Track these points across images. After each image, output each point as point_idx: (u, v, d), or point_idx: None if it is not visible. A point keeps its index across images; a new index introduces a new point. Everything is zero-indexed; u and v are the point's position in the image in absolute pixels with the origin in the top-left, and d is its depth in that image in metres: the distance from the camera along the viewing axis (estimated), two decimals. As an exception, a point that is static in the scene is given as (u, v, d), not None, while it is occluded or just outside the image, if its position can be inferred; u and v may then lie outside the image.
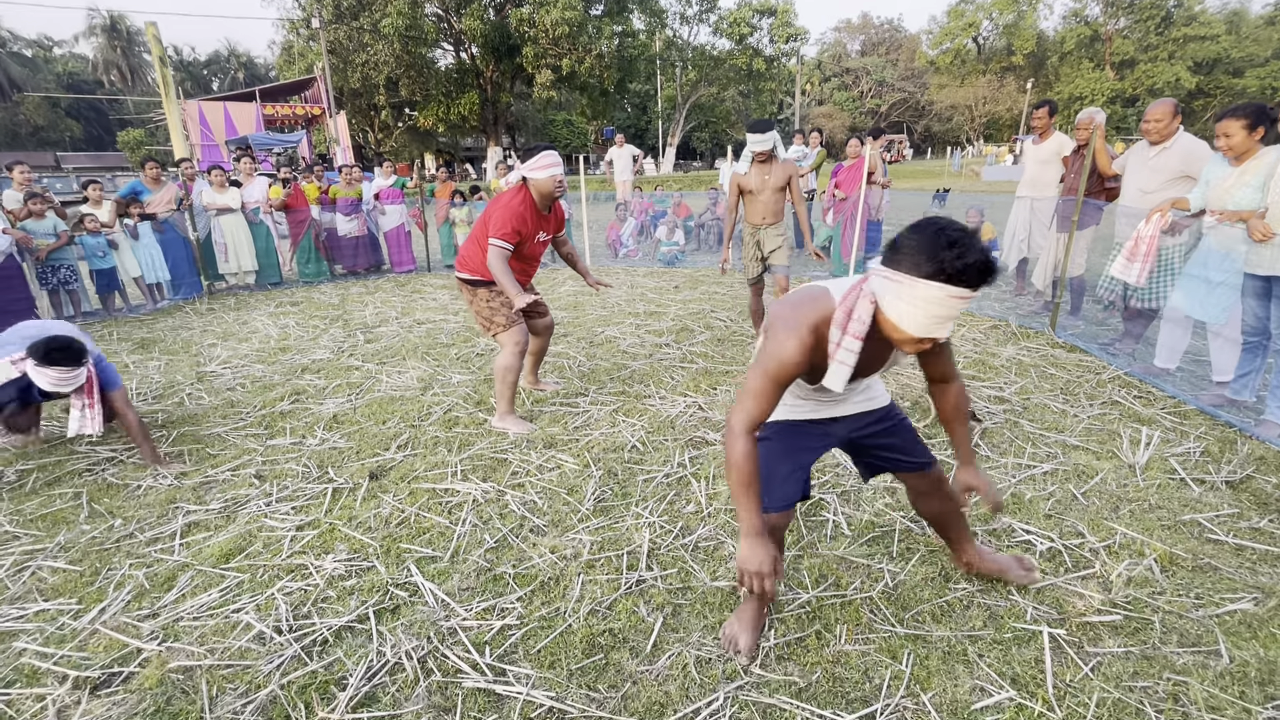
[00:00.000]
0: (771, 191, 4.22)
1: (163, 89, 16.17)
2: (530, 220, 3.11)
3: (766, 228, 4.30)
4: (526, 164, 3.09)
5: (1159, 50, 40.94)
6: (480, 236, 3.15)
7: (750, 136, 4.08)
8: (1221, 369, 3.48)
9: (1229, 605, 1.89)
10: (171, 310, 6.54)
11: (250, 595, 2.10)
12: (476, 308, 3.30)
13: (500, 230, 3.01)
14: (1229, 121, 3.17)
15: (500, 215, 3.04)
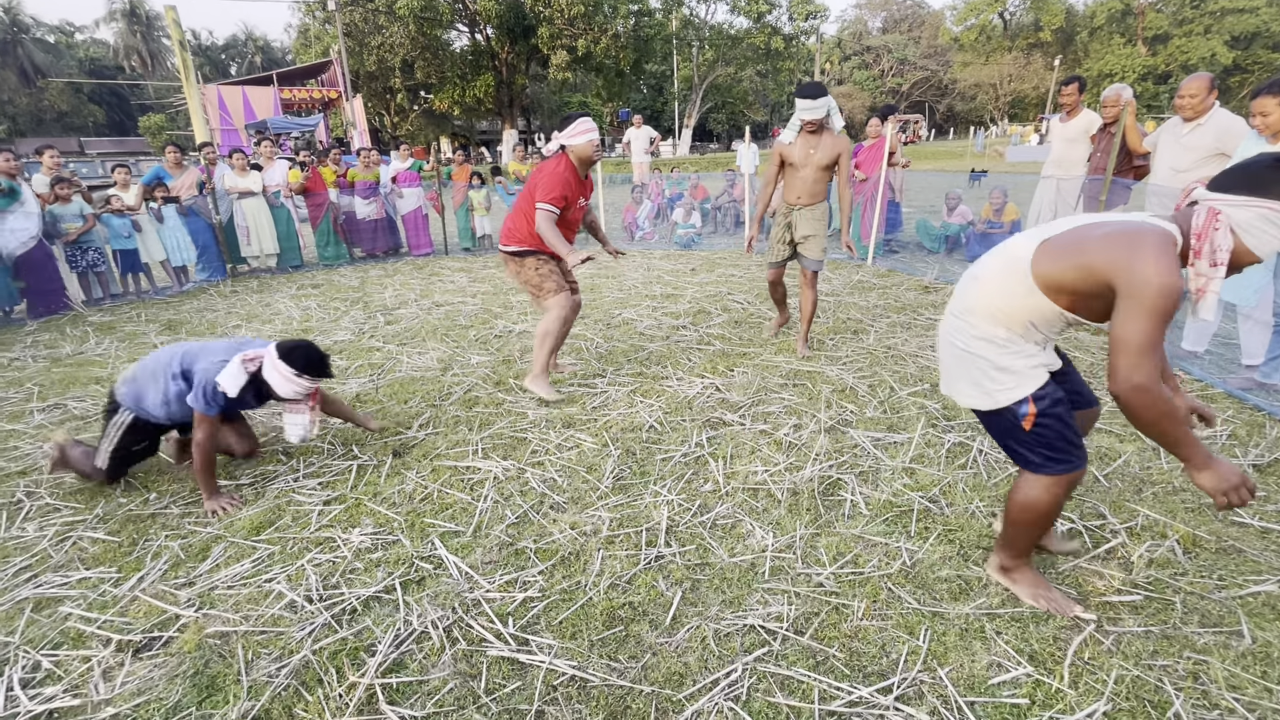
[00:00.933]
0: (815, 169, 3.69)
1: (183, 73, 16.30)
2: (574, 185, 3.26)
3: (802, 209, 3.79)
4: (565, 132, 3.21)
5: (1194, 24, 39.45)
6: (525, 208, 3.28)
7: (800, 103, 3.54)
8: (1251, 352, 3.41)
9: (1253, 587, 1.88)
10: (196, 292, 6.66)
11: (281, 566, 2.16)
12: (525, 276, 3.41)
13: (548, 195, 3.15)
14: (1265, 98, 3.07)
15: (547, 181, 3.18)
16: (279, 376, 2.49)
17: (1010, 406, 1.64)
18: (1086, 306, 1.52)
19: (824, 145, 3.65)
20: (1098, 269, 1.43)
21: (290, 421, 2.61)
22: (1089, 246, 1.47)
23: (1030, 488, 1.70)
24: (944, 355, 1.81)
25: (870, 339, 4.28)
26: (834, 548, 2.15)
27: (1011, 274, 1.59)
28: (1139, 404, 1.40)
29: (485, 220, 8.79)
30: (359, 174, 8.00)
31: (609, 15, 27.66)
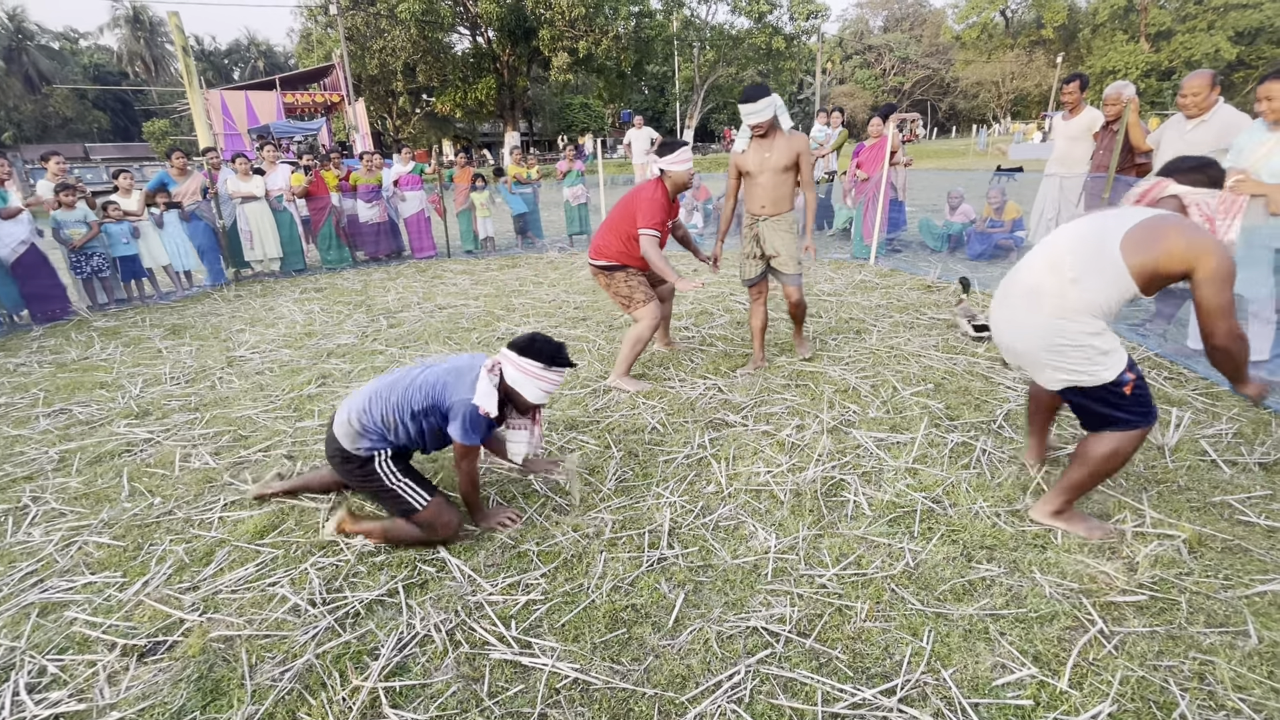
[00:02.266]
0: (773, 173, 3.42)
1: (186, 79, 16.39)
2: (668, 209, 3.49)
3: (768, 219, 3.51)
4: (666, 159, 3.40)
5: (1198, 20, 39.26)
6: (619, 227, 3.50)
7: (742, 108, 3.33)
8: (1256, 350, 3.39)
9: (1259, 586, 1.87)
10: (200, 297, 6.69)
11: (285, 570, 2.17)
12: (615, 289, 3.59)
13: (651, 221, 3.37)
14: (1272, 83, 3.06)
15: (648, 208, 3.38)
16: (526, 376, 2.14)
17: (1116, 379, 1.91)
18: (1154, 287, 1.84)
19: (778, 147, 3.39)
20: (1182, 255, 1.74)
21: (513, 439, 2.29)
22: (1169, 236, 1.76)
23: (1122, 442, 1.97)
24: (1040, 353, 1.98)
25: (873, 339, 4.27)
26: (837, 549, 2.14)
27: (1107, 270, 1.83)
28: (1238, 350, 1.82)
29: (488, 222, 8.81)
30: (361, 177, 8.03)
31: (610, 17, 27.68)
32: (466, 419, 2.10)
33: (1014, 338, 2.05)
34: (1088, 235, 1.89)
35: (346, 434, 2.19)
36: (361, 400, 2.22)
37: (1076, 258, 1.88)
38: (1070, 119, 5.02)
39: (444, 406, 2.14)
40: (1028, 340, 1.99)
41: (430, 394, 2.15)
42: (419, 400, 2.16)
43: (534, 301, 5.76)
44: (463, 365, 2.21)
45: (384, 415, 2.17)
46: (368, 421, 2.17)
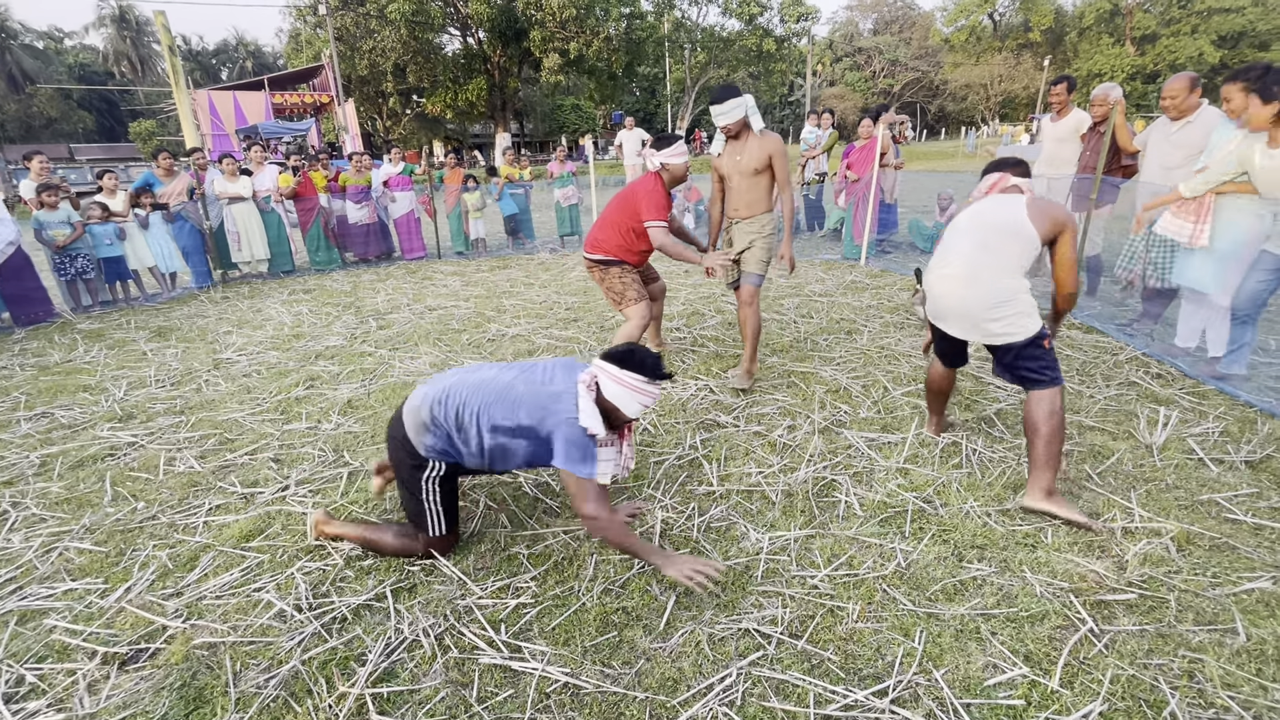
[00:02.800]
0: (744, 176, 3.35)
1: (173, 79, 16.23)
2: (669, 201, 3.51)
3: (740, 221, 3.46)
4: (665, 152, 3.41)
5: (1182, 24, 39.80)
6: (617, 223, 3.49)
7: (712, 110, 3.28)
8: (1218, 341, 3.44)
9: (1246, 584, 1.88)
10: (187, 299, 6.61)
11: (270, 575, 2.14)
12: (609, 284, 3.58)
13: (657, 214, 3.38)
14: (1228, 86, 3.16)
15: (650, 201, 3.38)
16: (628, 390, 1.94)
17: (1038, 332, 2.25)
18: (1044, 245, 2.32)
19: (749, 149, 3.31)
20: (1059, 222, 2.29)
21: (603, 457, 2.00)
22: (1052, 210, 2.31)
23: (1054, 399, 2.24)
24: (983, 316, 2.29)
25: (864, 339, 4.27)
26: (828, 549, 2.14)
27: (1020, 237, 2.28)
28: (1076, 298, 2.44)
29: (479, 223, 8.77)
30: (350, 178, 7.97)
31: (600, 18, 27.67)
32: (574, 444, 1.89)
33: (963, 310, 2.35)
34: (999, 218, 2.35)
35: (415, 423, 2.02)
36: (438, 391, 2.03)
37: (1001, 235, 2.31)
38: (1058, 121, 5.05)
39: (543, 431, 1.93)
40: (975, 306, 2.30)
41: (527, 413, 1.95)
42: (510, 416, 1.96)
43: (525, 303, 5.74)
44: (557, 386, 1.98)
45: (460, 415, 1.99)
46: (439, 415, 2.00)
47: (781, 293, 5.66)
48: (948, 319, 2.42)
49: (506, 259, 8.28)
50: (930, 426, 2.90)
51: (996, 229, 2.32)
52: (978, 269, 2.29)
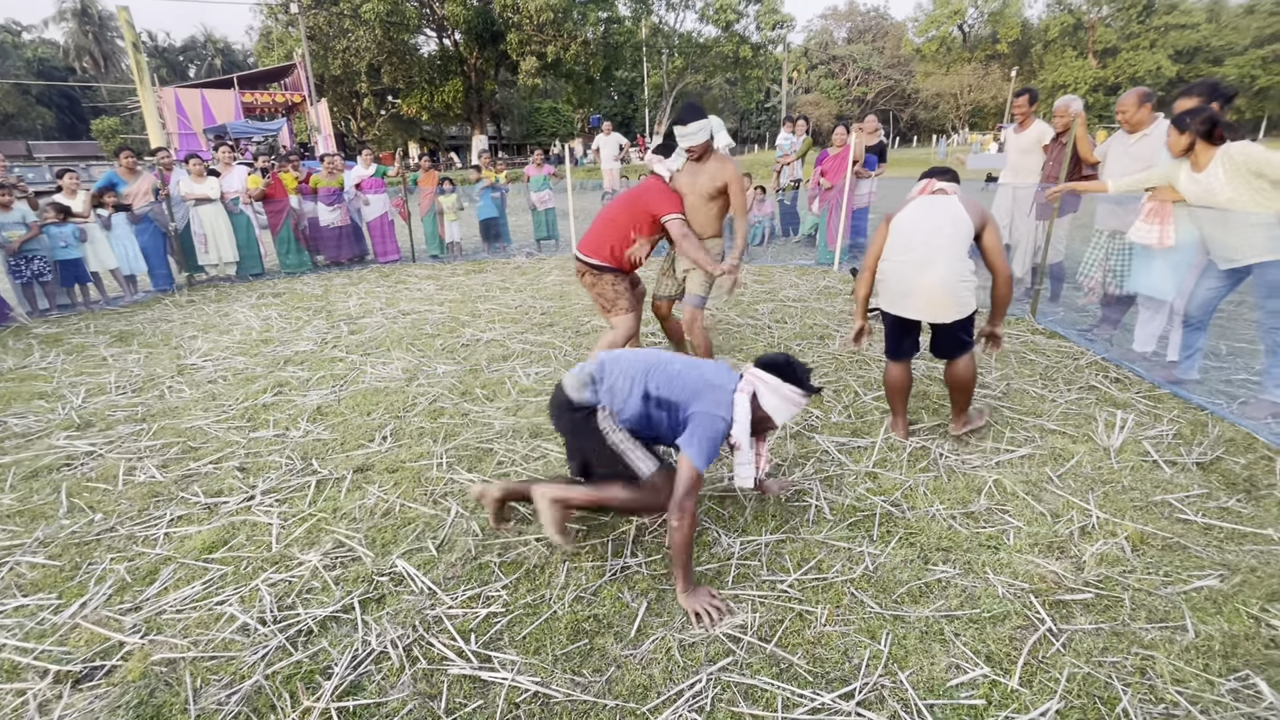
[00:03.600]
0: (698, 198, 3.34)
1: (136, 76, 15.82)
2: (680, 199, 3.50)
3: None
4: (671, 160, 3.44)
5: (1141, 39, 41.25)
6: (622, 226, 3.40)
7: (676, 131, 3.28)
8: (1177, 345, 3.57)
9: (1196, 582, 1.95)
10: (150, 302, 6.43)
11: (234, 587, 2.09)
12: (601, 290, 3.52)
13: (674, 207, 3.36)
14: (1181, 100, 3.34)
15: (665, 197, 3.38)
16: (784, 401, 1.98)
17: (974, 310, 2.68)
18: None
19: (707, 171, 3.29)
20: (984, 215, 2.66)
21: (740, 460, 2.06)
22: (978, 205, 2.67)
23: (972, 359, 2.79)
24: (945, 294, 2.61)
25: (835, 344, 4.34)
26: (798, 554, 2.17)
27: (961, 224, 2.62)
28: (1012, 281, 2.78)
29: (455, 226, 8.69)
30: (322, 180, 7.85)
31: (578, 22, 27.71)
32: (708, 436, 1.90)
33: (928, 290, 2.63)
34: (944, 212, 2.66)
35: (574, 383, 2.07)
36: (595, 362, 2.14)
37: (951, 224, 2.63)
38: (1021, 131, 5.20)
39: (686, 410, 1.96)
40: (939, 285, 2.61)
41: (679, 389, 1.98)
42: (663, 387, 1.99)
43: (500, 307, 5.71)
44: (716, 380, 2.01)
45: (617, 381, 2.06)
46: (598, 373, 2.08)
47: (756, 298, 5.71)
48: (912, 299, 2.68)
49: (482, 263, 8.22)
50: (897, 429, 2.99)
51: (947, 219, 2.64)
52: (938, 252, 2.60)
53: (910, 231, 2.68)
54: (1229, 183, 3.00)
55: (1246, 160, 2.92)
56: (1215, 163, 3.04)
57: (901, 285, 2.69)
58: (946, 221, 2.63)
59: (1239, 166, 2.95)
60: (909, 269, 2.65)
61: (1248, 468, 2.62)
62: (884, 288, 2.78)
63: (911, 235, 2.67)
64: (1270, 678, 1.61)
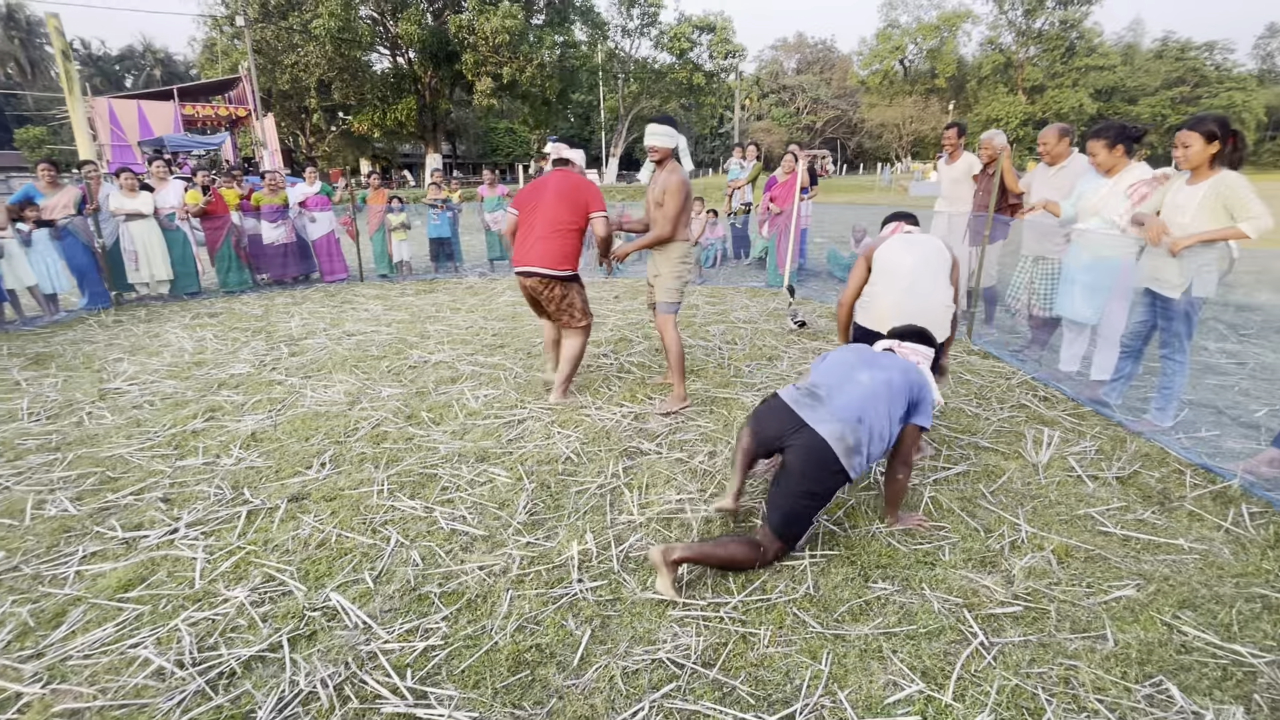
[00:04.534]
0: (655, 206, 3.45)
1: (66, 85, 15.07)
2: None
3: (653, 251, 3.58)
4: (576, 152, 3.67)
5: (1065, 78, 44.33)
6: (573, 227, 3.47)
7: (648, 128, 3.46)
8: (1100, 366, 3.77)
9: (1115, 592, 2.05)
10: (73, 323, 6.06)
11: (151, 628, 1.96)
12: (570, 300, 3.57)
13: (603, 203, 3.53)
14: (1092, 141, 3.52)
15: (595, 192, 3.53)
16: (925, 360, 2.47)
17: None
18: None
19: (660, 180, 3.42)
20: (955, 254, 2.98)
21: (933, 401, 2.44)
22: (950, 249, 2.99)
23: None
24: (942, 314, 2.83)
25: (784, 364, 4.43)
26: (742, 575, 2.18)
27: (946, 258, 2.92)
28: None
29: (404, 245, 8.54)
30: (264, 197, 7.61)
31: (534, 45, 27.89)
32: (929, 405, 2.33)
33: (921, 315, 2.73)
34: (928, 246, 2.94)
35: (844, 449, 2.12)
36: (851, 417, 2.16)
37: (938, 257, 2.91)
38: (952, 163, 5.48)
39: (917, 399, 2.30)
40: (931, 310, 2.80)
41: (910, 395, 2.29)
42: (901, 404, 2.26)
43: (450, 328, 5.61)
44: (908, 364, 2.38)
45: (876, 427, 2.19)
46: (862, 436, 2.15)
47: (708, 319, 5.80)
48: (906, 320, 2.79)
49: (433, 283, 8.09)
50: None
51: (933, 251, 2.91)
52: (931, 283, 2.86)
53: (898, 263, 2.92)
54: (1201, 207, 2.98)
55: (1232, 190, 2.90)
56: (1207, 183, 3.00)
57: (895, 309, 2.84)
58: (933, 254, 2.91)
59: (1220, 194, 2.93)
60: (904, 296, 2.85)
61: (1161, 481, 2.79)
62: (870, 311, 2.97)
63: (900, 266, 2.91)
64: (1181, 682, 1.70)
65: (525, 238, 3.51)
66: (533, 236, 3.47)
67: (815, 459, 2.11)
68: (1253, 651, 1.80)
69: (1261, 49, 53.20)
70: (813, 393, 2.27)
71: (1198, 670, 1.74)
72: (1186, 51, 46.87)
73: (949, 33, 45.54)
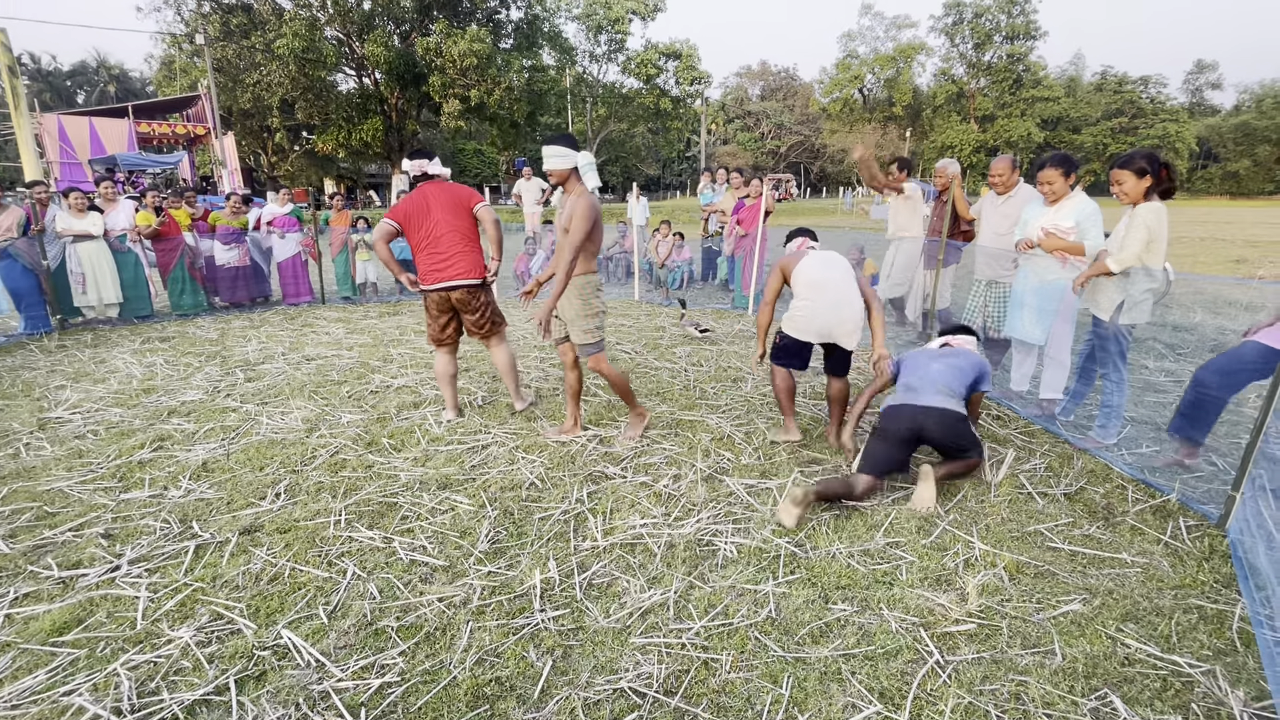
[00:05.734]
0: (560, 231, 3.16)
1: (11, 102, 14.55)
2: None
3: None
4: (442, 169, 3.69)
5: (1013, 108, 46.57)
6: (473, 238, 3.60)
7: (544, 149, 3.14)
8: (1049, 385, 3.92)
9: (1063, 607, 2.12)
10: (12, 348, 5.79)
11: (87, 673, 1.86)
12: (490, 308, 3.73)
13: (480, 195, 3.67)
14: (1048, 170, 3.69)
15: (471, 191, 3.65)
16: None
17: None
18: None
19: (567, 206, 3.13)
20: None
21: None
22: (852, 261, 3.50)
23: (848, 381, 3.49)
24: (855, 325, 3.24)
25: (748, 386, 4.49)
26: (705, 600, 2.18)
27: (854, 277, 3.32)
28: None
29: (369, 266, 8.43)
30: (223, 218, 7.44)
31: (502, 69, 28.08)
32: (989, 379, 3.15)
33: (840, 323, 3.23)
34: (838, 261, 3.36)
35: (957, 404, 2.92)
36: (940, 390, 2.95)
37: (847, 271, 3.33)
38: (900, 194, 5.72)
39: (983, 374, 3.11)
40: (850, 318, 3.23)
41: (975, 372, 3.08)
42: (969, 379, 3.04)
43: (414, 351, 5.54)
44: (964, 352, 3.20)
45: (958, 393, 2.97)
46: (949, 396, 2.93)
47: (674, 340, 5.85)
48: (833, 331, 3.26)
49: (398, 305, 7.99)
50: (790, 429, 3.51)
51: (846, 270, 3.32)
52: (849, 294, 3.25)
53: (821, 275, 3.29)
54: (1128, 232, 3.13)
55: (1138, 219, 3.08)
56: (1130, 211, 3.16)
57: (823, 317, 3.25)
58: (846, 270, 3.33)
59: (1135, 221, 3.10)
60: (825, 308, 3.24)
61: (1106, 496, 2.90)
62: (796, 321, 3.32)
63: (826, 282, 3.27)
64: (1125, 694, 1.76)
65: (433, 254, 3.51)
66: (444, 251, 3.51)
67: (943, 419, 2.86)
68: (1190, 661, 1.87)
69: (1191, 83, 56.93)
70: (909, 388, 3.01)
71: (1140, 682, 1.81)
72: (1124, 85, 49.82)
73: (905, 64, 47.49)
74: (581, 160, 3.12)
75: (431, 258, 3.53)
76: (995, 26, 46.01)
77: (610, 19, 35.35)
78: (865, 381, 4.34)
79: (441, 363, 3.77)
